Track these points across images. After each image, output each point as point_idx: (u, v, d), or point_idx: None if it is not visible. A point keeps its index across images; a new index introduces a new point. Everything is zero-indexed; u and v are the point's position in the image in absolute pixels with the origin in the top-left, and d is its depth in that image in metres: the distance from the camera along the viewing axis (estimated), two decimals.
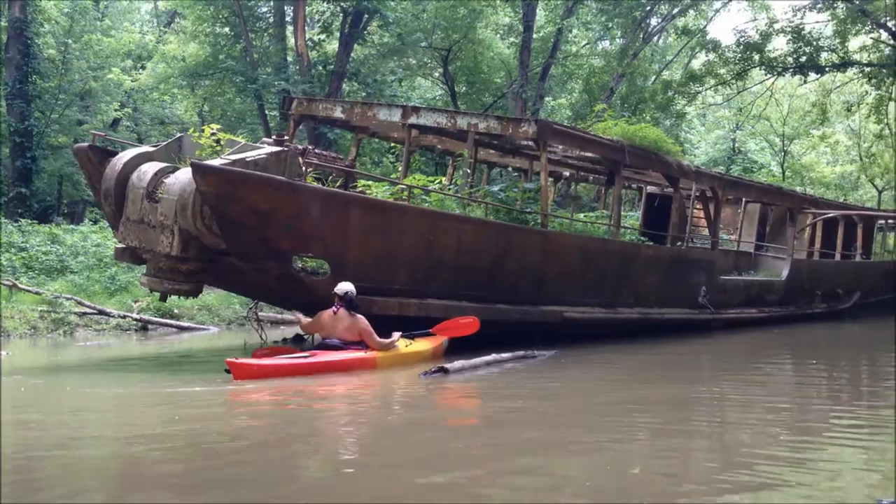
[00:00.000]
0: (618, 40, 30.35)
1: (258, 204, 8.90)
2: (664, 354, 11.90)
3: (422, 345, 9.99)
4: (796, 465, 5.05)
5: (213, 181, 8.67)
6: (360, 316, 9.19)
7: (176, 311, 15.69)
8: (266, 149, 9.46)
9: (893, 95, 28.34)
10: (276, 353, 9.12)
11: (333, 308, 9.15)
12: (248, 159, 9.05)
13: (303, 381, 8.16)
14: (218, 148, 9.76)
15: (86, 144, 10.40)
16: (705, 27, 31.22)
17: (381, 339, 9.27)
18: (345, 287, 9.15)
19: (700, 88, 28.61)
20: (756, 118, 36.28)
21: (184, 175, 9.10)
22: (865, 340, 15.67)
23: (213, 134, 9.87)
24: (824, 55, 25.72)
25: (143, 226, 9.36)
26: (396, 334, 9.65)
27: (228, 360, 8.30)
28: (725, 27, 68.14)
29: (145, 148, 10.19)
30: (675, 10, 29.41)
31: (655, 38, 33.40)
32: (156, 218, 9.22)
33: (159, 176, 9.41)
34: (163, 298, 10.41)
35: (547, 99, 30.88)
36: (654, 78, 31.79)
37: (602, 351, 11.50)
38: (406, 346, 9.70)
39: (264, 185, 8.88)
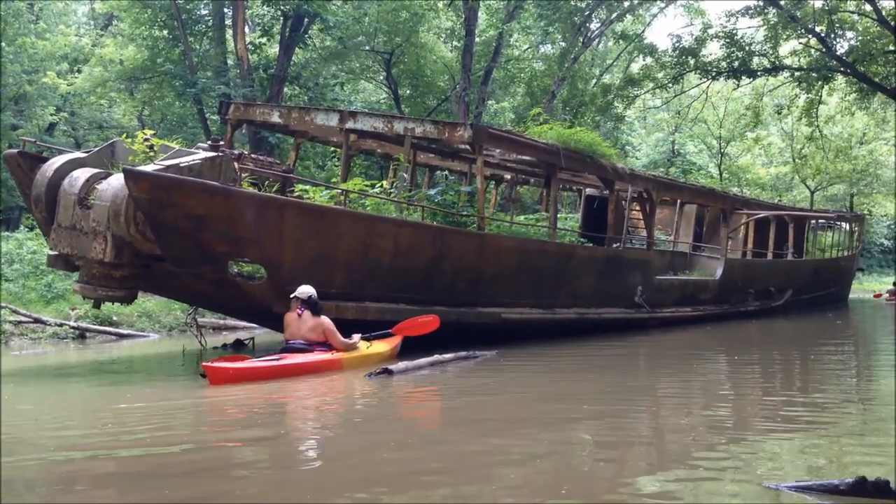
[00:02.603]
0: (559, 44, 30.80)
1: (192, 209, 8.90)
2: (602, 353, 12.15)
3: (381, 346, 10.23)
4: (730, 456, 5.29)
5: (146, 187, 8.65)
6: (323, 317, 9.37)
7: (115, 318, 15.51)
8: (201, 154, 9.46)
9: (823, 99, 29.36)
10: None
11: (297, 311, 9.30)
12: (181, 165, 9.04)
13: (264, 388, 8.18)
14: (151, 153, 9.73)
15: (15, 151, 10.28)
16: (642, 32, 31.89)
17: (345, 339, 9.50)
18: (306, 290, 9.32)
19: (638, 92, 29.20)
20: (693, 121, 37.22)
21: (116, 181, 9.05)
22: (796, 336, 16.18)
23: (146, 139, 9.83)
24: (756, 60, 26.48)
25: (76, 232, 9.28)
26: (356, 336, 9.83)
27: (205, 364, 8.41)
28: (664, 31, 69.55)
29: (76, 154, 10.11)
30: (614, 15, 29.97)
31: (595, 42, 33.98)
32: (88, 224, 9.15)
33: (91, 182, 9.34)
34: (96, 305, 10.31)
35: (490, 102, 31.19)
36: (594, 81, 32.34)
37: (541, 351, 11.70)
38: (367, 347, 9.93)
39: (198, 190, 8.88)
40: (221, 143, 9.94)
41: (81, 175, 9.42)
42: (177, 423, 6.60)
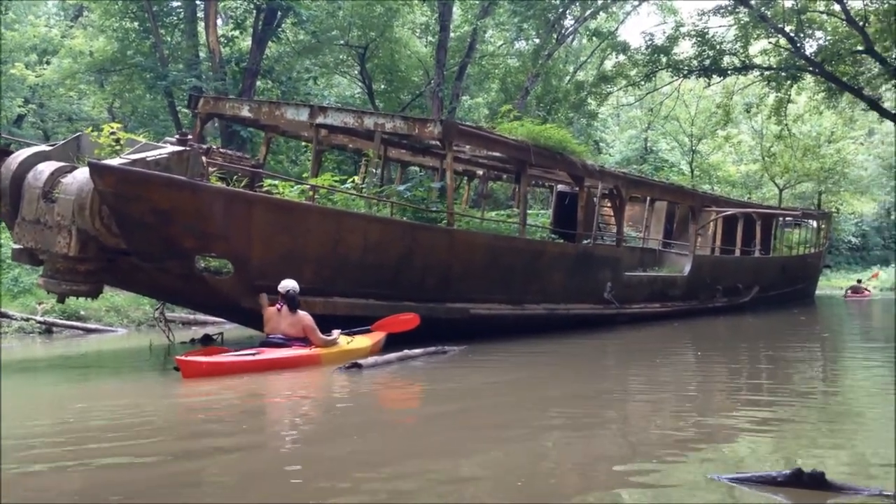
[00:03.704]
0: (533, 41, 30.91)
1: (158, 204, 8.84)
2: (569, 348, 12.26)
3: (362, 341, 10.22)
4: (691, 450, 5.39)
5: (111, 181, 8.59)
6: (303, 312, 9.35)
7: (83, 312, 15.39)
8: (168, 148, 9.40)
9: (792, 98, 29.73)
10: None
11: (278, 305, 9.29)
12: (148, 159, 8.98)
13: (237, 382, 8.14)
14: (118, 147, 9.66)
15: None
16: (616, 30, 32.07)
17: (324, 336, 9.46)
18: (286, 285, 9.30)
19: (611, 89, 29.39)
20: (666, 118, 37.53)
21: (81, 175, 8.97)
22: (762, 332, 16.40)
23: (112, 133, 9.76)
24: (727, 59, 26.73)
25: (40, 226, 9.18)
26: (336, 332, 9.81)
27: (178, 358, 8.36)
28: (637, 29, 69.93)
29: (42, 147, 10.00)
30: (588, 13, 30.13)
31: (570, 39, 34.11)
32: (52, 218, 9.07)
33: (56, 175, 9.25)
34: (61, 300, 10.23)
35: (464, 98, 31.23)
36: (568, 78, 32.50)
37: (509, 346, 11.77)
38: (348, 342, 9.91)
39: (164, 184, 8.82)
40: (189, 137, 9.88)
41: (46, 168, 9.32)
42: (147, 417, 6.59)
